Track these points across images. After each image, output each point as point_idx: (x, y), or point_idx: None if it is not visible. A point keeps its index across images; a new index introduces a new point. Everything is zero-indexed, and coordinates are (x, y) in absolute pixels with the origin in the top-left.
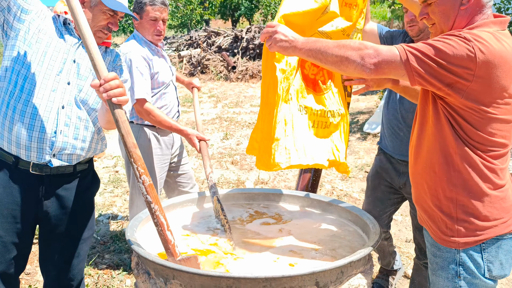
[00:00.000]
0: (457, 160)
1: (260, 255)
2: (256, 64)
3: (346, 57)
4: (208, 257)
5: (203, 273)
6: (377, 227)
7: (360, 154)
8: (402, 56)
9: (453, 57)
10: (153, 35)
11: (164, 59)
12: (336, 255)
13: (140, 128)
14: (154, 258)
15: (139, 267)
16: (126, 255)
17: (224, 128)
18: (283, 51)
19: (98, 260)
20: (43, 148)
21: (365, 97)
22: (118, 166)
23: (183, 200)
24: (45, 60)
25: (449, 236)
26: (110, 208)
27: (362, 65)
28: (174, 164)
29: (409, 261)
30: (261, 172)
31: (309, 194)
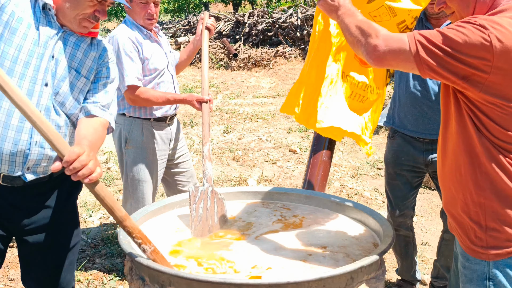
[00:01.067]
0: (483, 160)
1: (267, 257)
2: (259, 52)
3: (358, 40)
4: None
5: (202, 278)
6: (390, 229)
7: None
8: (412, 47)
9: (466, 47)
10: (144, 19)
11: (158, 44)
12: (346, 260)
13: (133, 122)
14: (149, 263)
15: (133, 273)
16: (118, 259)
17: (224, 121)
18: (326, 13)
19: (88, 264)
20: (15, 161)
21: None
22: (110, 162)
23: (180, 200)
24: (20, 56)
25: (478, 246)
26: (101, 208)
27: (366, 54)
28: (173, 161)
29: (425, 266)
30: (265, 169)
31: (317, 193)
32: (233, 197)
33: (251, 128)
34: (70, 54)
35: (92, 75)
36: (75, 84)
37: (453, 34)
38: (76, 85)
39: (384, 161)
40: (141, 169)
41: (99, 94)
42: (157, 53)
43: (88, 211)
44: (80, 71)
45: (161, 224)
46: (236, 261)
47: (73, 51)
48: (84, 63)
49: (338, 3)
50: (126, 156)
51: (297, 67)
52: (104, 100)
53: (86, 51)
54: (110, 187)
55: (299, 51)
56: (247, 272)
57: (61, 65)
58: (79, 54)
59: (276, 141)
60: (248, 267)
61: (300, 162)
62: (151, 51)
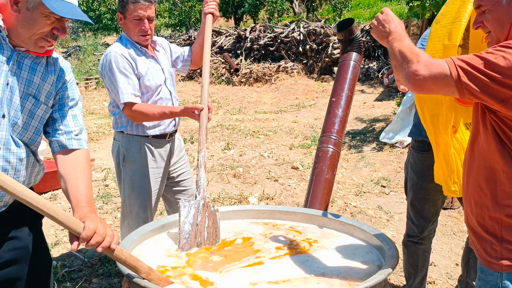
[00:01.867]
0: (504, 179)
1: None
2: (261, 67)
3: (400, 64)
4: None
5: None
6: (393, 249)
7: (376, 166)
8: (453, 72)
9: (508, 70)
10: (138, 36)
11: (154, 60)
12: (349, 281)
13: (131, 139)
14: (147, 284)
15: None
16: (116, 279)
17: (225, 137)
18: (379, 40)
19: (85, 285)
20: None
21: (381, 103)
22: (108, 179)
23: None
24: None
25: (493, 257)
26: None
27: (406, 78)
28: (174, 179)
29: (430, 287)
30: (266, 187)
31: (320, 213)
32: (233, 216)
33: (253, 144)
34: (27, 79)
35: (51, 101)
36: (34, 112)
37: (494, 58)
38: (35, 113)
39: (413, 177)
40: (139, 187)
41: (69, 123)
42: (152, 69)
43: None
44: (38, 98)
45: (158, 245)
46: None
47: (29, 76)
48: (42, 89)
49: (389, 29)
50: (124, 173)
51: (299, 82)
52: (76, 128)
53: (44, 75)
54: (108, 204)
55: (301, 66)
56: None
57: (17, 92)
58: (36, 79)
59: (278, 158)
60: None
61: (302, 180)
62: (146, 68)
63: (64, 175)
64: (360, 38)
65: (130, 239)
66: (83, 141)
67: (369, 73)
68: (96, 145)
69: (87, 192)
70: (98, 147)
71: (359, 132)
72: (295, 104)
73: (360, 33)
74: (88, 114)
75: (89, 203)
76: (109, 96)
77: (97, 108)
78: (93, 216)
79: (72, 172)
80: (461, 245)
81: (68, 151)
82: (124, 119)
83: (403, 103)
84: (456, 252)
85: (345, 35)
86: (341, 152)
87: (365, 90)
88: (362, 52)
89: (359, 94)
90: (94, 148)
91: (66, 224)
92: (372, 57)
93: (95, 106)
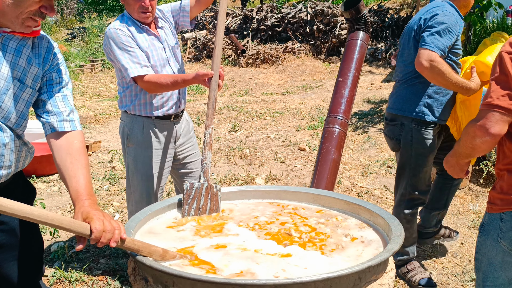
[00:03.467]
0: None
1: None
2: (268, 48)
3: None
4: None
5: (206, 279)
6: (400, 229)
7: (383, 147)
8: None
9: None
10: (138, 13)
11: (156, 38)
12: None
13: (134, 119)
14: (152, 263)
15: (136, 273)
16: (124, 259)
17: (232, 119)
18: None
19: (93, 265)
20: None
21: (388, 84)
22: (115, 161)
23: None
24: None
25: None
26: (106, 208)
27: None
28: (180, 161)
29: (436, 266)
30: (273, 168)
31: (326, 192)
32: (239, 196)
33: (259, 126)
34: (12, 62)
35: (38, 84)
36: (19, 96)
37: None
38: (20, 97)
39: (425, 153)
40: (142, 168)
41: (59, 103)
42: (153, 47)
43: None
44: (24, 81)
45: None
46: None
47: (14, 59)
48: (28, 72)
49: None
50: (127, 153)
51: (306, 63)
52: (66, 108)
53: (30, 58)
54: (115, 186)
55: (308, 47)
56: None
57: (1, 76)
58: (22, 62)
59: (284, 139)
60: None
61: (309, 161)
62: (147, 45)
63: (60, 164)
64: (368, 17)
65: (136, 218)
66: (76, 122)
67: (377, 54)
68: (102, 127)
69: (86, 183)
70: (105, 129)
71: (366, 113)
72: (302, 86)
73: (367, 12)
74: (94, 96)
75: (89, 194)
76: (116, 74)
77: (103, 90)
78: (97, 214)
79: (68, 160)
80: (467, 225)
81: (60, 134)
82: (128, 98)
83: None
84: (461, 232)
85: (352, 14)
86: (348, 133)
87: (373, 71)
88: (370, 31)
89: (367, 75)
90: (101, 130)
91: (72, 230)
92: (379, 38)
93: (101, 88)
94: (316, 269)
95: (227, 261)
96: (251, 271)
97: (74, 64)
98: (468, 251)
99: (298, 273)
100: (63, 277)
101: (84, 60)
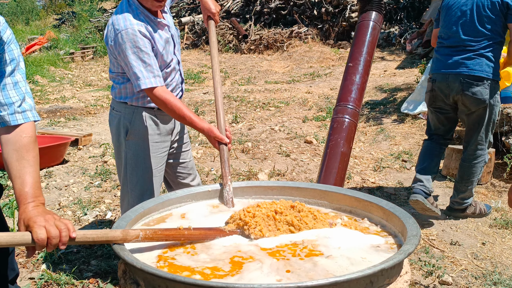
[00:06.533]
0: None
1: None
2: (272, 32)
3: None
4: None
5: (202, 283)
6: (417, 228)
7: (397, 139)
8: None
9: None
10: (152, 1)
11: (167, 28)
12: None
13: (135, 110)
14: (143, 265)
15: (127, 276)
16: (116, 260)
17: (233, 110)
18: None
19: (83, 267)
20: None
21: (403, 70)
22: (107, 155)
23: (180, 196)
24: None
25: None
26: (97, 206)
27: None
28: (174, 151)
29: (454, 268)
30: (277, 162)
31: (335, 189)
32: (239, 192)
33: (263, 117)
34: None
35: None
36: None
37: None
38: None
39: (498, 109)
40: (143, 163)
41: (10, 93)
42: (168, 44)
43: (83, 208)
44: None
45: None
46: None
47: None
48: None
49: None
50: (126, 148)
51: (313, 49)
52: (18, 97)
53: None
54: (107, 182)
55: (316, 31)
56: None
57: None
58: None
59: (290, 131)
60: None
61: (316, 154)
62: (163, 43)
63: (6, 162)
64: None
65: (127, 217)
66: (28, 112)
67: (390, 38)
68: (94, 119)
69: (33, 182)
70: (96, 121)
71: (378, 103)
72: (309, 73)
73: None
74: (85, 86)
75: (35, 196)
76: (112, 63)
77: (95, 80)
78: (38, 219)
79: (14, 157)
80: (489, 223)
81: (10, 128)
82: (130, 90)
83: (426, 70)
84: (482, 231)
85: None
86: (359, 124)
87: (386, 57)
88: (383, 12)
89: (379, 61)
90: (92, 122)
91: (15, 244)
92: (393, 21)
93: (93, 77)
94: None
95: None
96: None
97: (63, 51)
98: (489, 251)
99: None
100: (51, 280)
101: (74, 48)
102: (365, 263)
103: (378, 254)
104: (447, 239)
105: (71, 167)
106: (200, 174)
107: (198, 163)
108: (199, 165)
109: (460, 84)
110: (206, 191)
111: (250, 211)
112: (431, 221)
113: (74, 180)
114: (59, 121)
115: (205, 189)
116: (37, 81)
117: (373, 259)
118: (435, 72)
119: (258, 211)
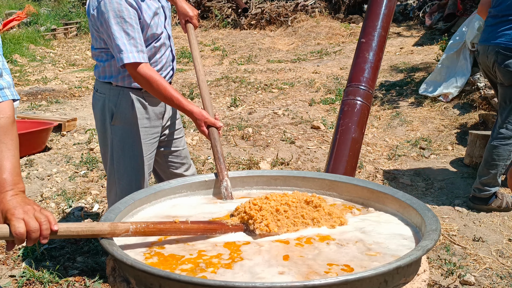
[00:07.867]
0: None
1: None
2: (275, 5)
3: None
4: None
5: (199, 281)
6: (436, 222)
7: (414, 124)
8: None
9: None
10: None
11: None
12: (379, 259)
13: (121, 92)
14: (134, 262)
15: (116, 274)
16: (104, 257)
17: (232, 92)
18: None
19: (68, 263)
20: None
21: (421, 48)
22: (93, 142)
23: (175, 186)
24: None
25: None
26: (83, 197)
27: None
28: (165, 139)
29: (477, 266)
30: (281, 150)
31: (345, 179)
32: (239, 183)
33: (264, 100)
34: None
35: None
36: None
37: None
38: None
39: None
40: (131, 150)
41: None
42: (157, 15)
43: (67, 200)
44: None
45: (150, 217)
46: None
47: None
48: None
49: None
50: (112, 134)
51: (321, 24)
52: None
53: None
54: (93, 171)
55: (324, 4)
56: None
57: None
58: None
59: (295, 116)
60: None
61: (324, 141)
62: (151, 13)
63: None
64: None
65: (116, 209)
66: (6, 90)
67: (408, 11)
68: (78, 102)
69: (11, 168)
70: (81, 105)
71: (393, 84)
72: (317, 51)
73: None
74: (68, 66)
75: (14, 183)
76: (94, 38)
77: (79, 59)
78: (17, 211)
79: None
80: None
81: None
82: (114, 68)
83: (448, 47)
84: (509, 226)
85: None
86: (372, 107)
87: (402, 33)
88: None
89: (395, 37)
90: (76, 105)
91: None
92: None
93: (77, 56)
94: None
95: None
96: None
97: (44, 28)
98: None
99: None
100: (34, 278)
101: (56, 23)
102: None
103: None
104: (470, 234)
105: (54, 155)
106: (195, 163)
107: (194, 151)
108: (194, 153)
109: (495, 55)
110: (202, 181)
111: (256, 203)
112: (452, 215)
113: (58, 169)
114: (40, 104)
115: (201, 178)
116: (16, 61)
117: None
118: (478, 45)
119: (266, 204)
